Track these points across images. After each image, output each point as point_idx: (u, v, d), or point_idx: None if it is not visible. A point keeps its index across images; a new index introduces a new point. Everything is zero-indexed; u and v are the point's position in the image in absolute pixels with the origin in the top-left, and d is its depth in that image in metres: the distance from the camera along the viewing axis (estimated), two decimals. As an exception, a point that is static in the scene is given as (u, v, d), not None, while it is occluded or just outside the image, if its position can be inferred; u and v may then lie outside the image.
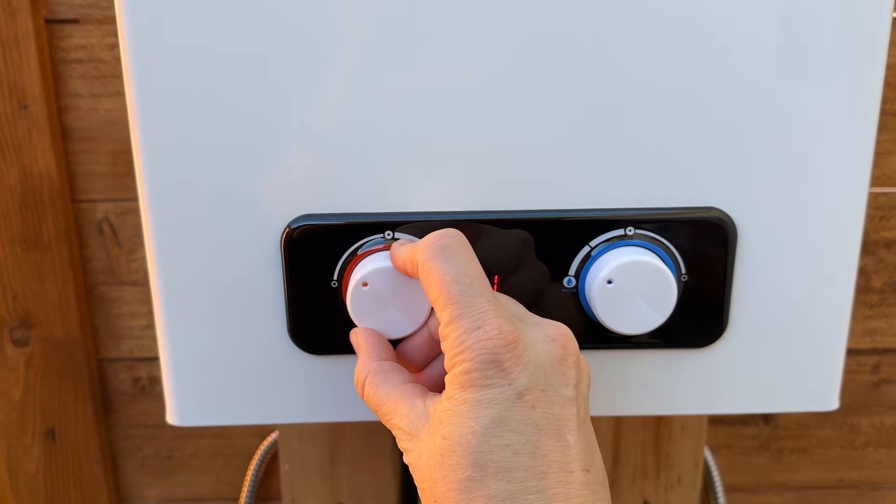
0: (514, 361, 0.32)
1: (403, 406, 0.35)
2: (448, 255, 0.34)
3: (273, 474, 0.79)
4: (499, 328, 0.32)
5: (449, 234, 0.35)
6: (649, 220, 0.40)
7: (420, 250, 0.35)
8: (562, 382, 0.33)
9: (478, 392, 0.31)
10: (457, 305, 0.33)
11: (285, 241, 0.40)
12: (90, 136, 0.70)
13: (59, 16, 0.67)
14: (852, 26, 0.38)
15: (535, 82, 0.39)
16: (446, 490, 0.31)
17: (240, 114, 0.39)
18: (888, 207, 0.71)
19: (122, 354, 0.76)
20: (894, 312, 0.75)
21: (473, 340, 0.32)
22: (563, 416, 0.32)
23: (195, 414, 0.44)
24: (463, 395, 0.32)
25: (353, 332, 0.40)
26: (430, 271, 0.34)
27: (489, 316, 0.32)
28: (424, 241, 0.35)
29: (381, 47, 0.38)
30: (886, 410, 0.78)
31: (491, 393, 0.31)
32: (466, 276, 0.33)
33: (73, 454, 0.77)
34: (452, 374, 0.32)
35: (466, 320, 0.32)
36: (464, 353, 0.32)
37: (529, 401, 0.31)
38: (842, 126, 0.40)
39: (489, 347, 0.32)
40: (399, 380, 0.36)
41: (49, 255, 0.71)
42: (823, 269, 0.42)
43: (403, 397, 0.35)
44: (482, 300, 0.33)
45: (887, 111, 0.69)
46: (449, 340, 0.33)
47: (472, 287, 0.33)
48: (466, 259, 0.34)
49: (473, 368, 0.32)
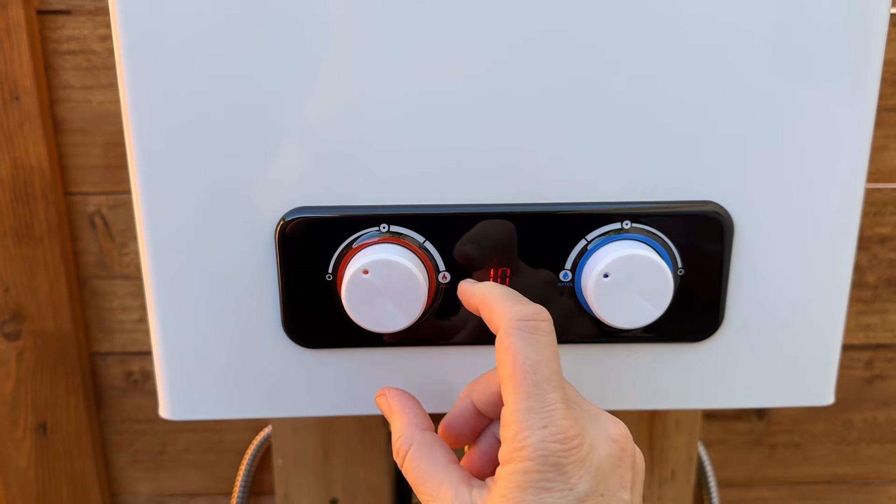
0: (576, 466, 0.31)
1: (447, 492, 0.33)
2: (534, 341, 0.33)
3: (266, 469, 0.79)
4: (564, 431, 0.31)
5: (540, 317, 0.33)
6: (646, 214, 0.40)
7: (505, 318, 0.33)
8: (619, 486, 0.32)
9: (537, 495, 0.31)
10: (528, 396, 0.32)
11: (279, 233, 0.40)
12: (82, 129, 0.69)
13: (50, 7, 0.66)
14: (850, 22, 0.38)
15: (531, 76, 0.38)
16: None
17: (233, 106, 0.38)
18: (882, 203, 0.71)
19: (114, 348, 0.76)
20: (888, 308, 0.75)
21: (537, 440, 0.31)
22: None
23: (188, 408, 0.44)
24: (521, 497, 0.31)
25: (383, 391, 0.39)
26: (510, 348, 0.33)
27: (557, 415, 0.31)
28: (512, 310, 0.33)
29: (377, 39, 0.38)
30: (879, 406, 0.78)
31: (551, 497, 0.31)
32: (547, 368, 0.32)
33: (64, 449, 0.77)
34: (510, 470, 0.31)
35: (533, 416, 0.31)
36: (525, 450, 0.31)
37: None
38: (839, 121, 0.40)
39: (553, 450, 0.31)
40: (444, 459, 0.35)
41: (41, 248, 0.70)
42: (819, 264, 0.42)
43: (448, 481, 0.34)
44: (554, 396, 0.32)
45: (884, 107, 0.69)
46: (510, 430, 0.32)
47: (550, 381, 0.32)
48: (551, 349, 0.33)
49: (534, 469, 0.31)
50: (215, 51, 0.38)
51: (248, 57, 0.38)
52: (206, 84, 0.38)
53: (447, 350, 0.43)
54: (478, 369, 0.43)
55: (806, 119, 0.40)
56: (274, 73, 0.38)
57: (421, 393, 0.44)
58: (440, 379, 0.44)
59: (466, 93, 0.39)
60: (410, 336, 0.42)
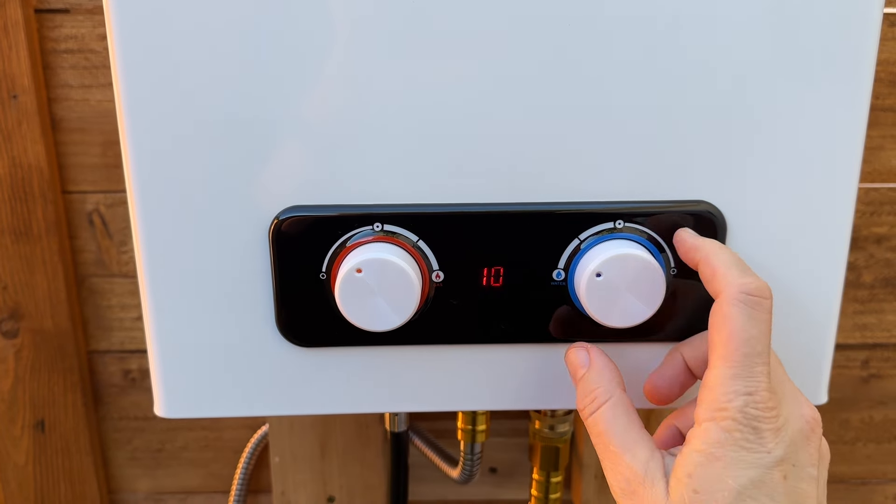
0: (772, 433, 0.33)
1: (642, 450, 0.35)
2: (754, 316, 0.34)
3: (264, 467, 0.79)
4: (767, 402, 0.33)
5: (764, 294, 0.35)
6: (639, 214, 0.40)
7: (731, 288, 0.34)
8: (808, 462, 0.34)
9: (737, 452, 0.33)
10: (736, 366, 0.33)
11: (273, 232, 0.40)
12: (81, 127, 0.69)
13: (49, 5, 0.66)
14: (843, 20, 0.38)
15: (524, 75, 0.38)
16: None
17: (228, 105, 0.38)
18: (879, 203, 0.71)
19: (112, 346, 0.76)
20: (884, 308, 0.75)
21: (741, 403, 0.33)
22: (807, 492, 0.34)
23: (183, 406, 0.44)
24: (721, 451, 0.33)
25: (580, 346, 0.40)
26: (727, 315, 0.34)
27: (762, 387, 0.33)
28: (740, 284, 0.34)
29: (371, 37, 0.38)
30: (876, 405, 0.78)
31: (750, 456, 0.33)
32: (760, 344, 0.34)
33: (62, 446, 0.77)
34: (707, 427, 0.33)
35: (740, 382, 0.33)
36: (727, 410, 0.33)
37: (782, 471, 0.33)
38: (832, 120, 0.40)
39: (754, 415, 0.33)
40: (638, 423, 0.37)
41: (39, 246, 0.71)
42: (812, 263, 0.42)
43: (643, 441, 0.36)
44: (762, 369, 0.34)
45: (880, 107, 0.69)
46: (713, 393, 0.34)
47: (760, 355, 0.34)
48: (766, 328, 0.34)
49: (734, 428, 0.33)
50: (210, 50, 0.38)
51: (243, 56, 0.38)
52: (200, 83, 0.38)
53: (441, 349, 0.43)
54: (472, 368, 0.44)
55: (799, 118, 0.40)
56: (268, 72, 0.38)
57: (415, 391, 0.44)
58: (434, 378, 0.44)
59: (460, 92, 0.39)
60: (405, 335, 0.42)
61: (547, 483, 0.61)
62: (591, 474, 0.70)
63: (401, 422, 0.62)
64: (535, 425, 0.59)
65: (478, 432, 0.61)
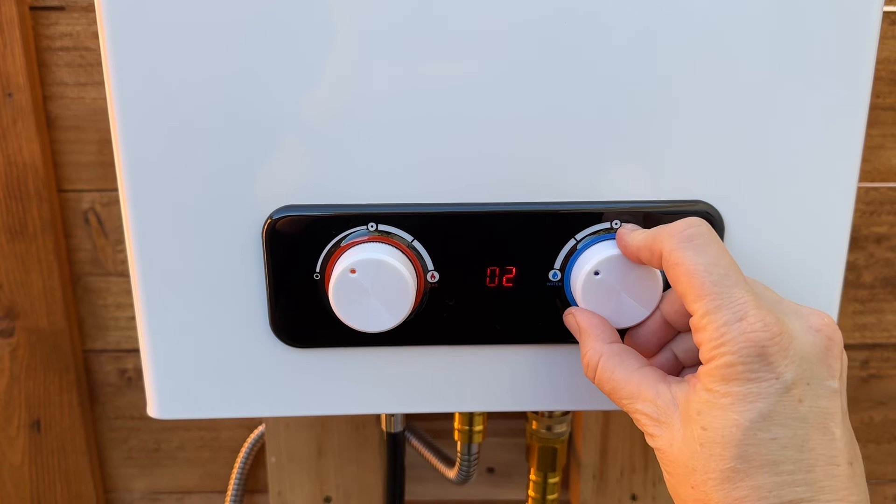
0: (780, 355, 0.31)
1: (647, 391, 0.34)
2: (698, 245, 0.33)
3: (261, 467, 0.79)
4: (762, 319, 0.31)
5: (695, 224, 0.34)
6: (635, 214, 0.40)
7: (665, 239, 0.34)
8: (827, 374, 0.32)
9: (742, 386, 0.31)
10: (713, 297, 0.32)
11: (267, 232, 0.40)
12: (76, 126, 0.69)
13: (44, 3, 0.66)
14: (842, 19, 0.38)
15: (520, 75, 0.38)
16: (706, 478, 0.32)
17: (221, 103, 0.38)
18: (879, 202, 0.71)
19: (108, 346, 0.76)
20: (884, 308, 0.74)
21: (736, 333, 0.31)
22: (830, 408, 0.32)
23: (176, 407, 0.43)
24: (726, 388, 0.31)
25: (570, 311, 0.40)
26: (678, 261, 0.33)
27: (750, 307, 0.31)
28: (668, 230, 0.34)
29: (365, 38, 0.37)
30: (875, 406, 0.78)
31: (757, 387, 0.31)
32: (720, 266, 0.32)
33: (58, 446, 0.77)
34: (712, 367, 0.32)
35: (726, 311, 0.32)
36: (725, 345, 0.31)
37: (796, 395, 0.31)
38: (831, 120, 0.39)
39: (754, 340, 0.31)
40: (636, 364, 0.36)
41: (34, 245, 0.70)
42: (811, 263, 0.42)
43: (645, 382, 0.35)
44: (740, 290, 0.32)
45: (880, 105, 0.68)
46: (707, 332, 0.32)
47: (728, 277, 0.32)
48: (718, 248, 0.33)
49: (738, 362, 0.31)
50: (202, 49, 0.37)
51: (236, 55, 0.37)
52: (193, 82, 0.38)
53: (436, 350, 0.43)
54: (467, 369, 0.43)
55: (798, 117, 0.39)
56: (262, 71, 0.38)
57: (410, 392, 0.44)
58: (430, 379, 0.43)
59: (456, 92, 0.38)
60: (399, 335, 0.42)
61: (544, 484, 0.61)
62: (588, 474, 0.70)
63: (397, 422, 0.62)
64: (532, 426, 0.58)
65: (475, 433, 0.60)
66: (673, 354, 0.39)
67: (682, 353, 0.39)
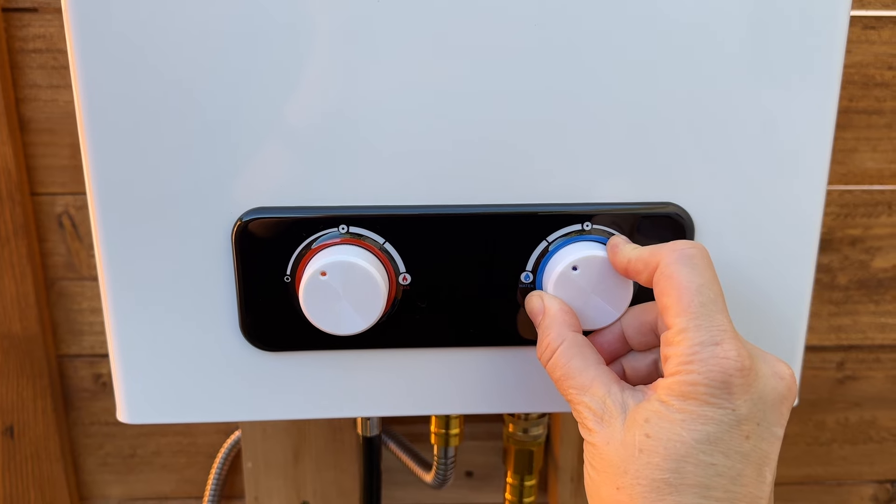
0: (742, 388, 0.32)
1: (600, 388, 0.35)
2: (695, 265, 0.34)
3: (238, 472, 0.78)
4: (737, 350, 0.32)
5: (697, 246, 0.35)
6: (606, 216, 0.40)
7: (666, 253, 0.34)
8: (777, 421, 0.33)
9: (699, 406, 0.32)
10: (695, 316, 0.33)
11: (236, 234, 0.39)
12: (49, 128, 0.68)
13: (16, 4, 0.65)
14: (810, 23, 0.38)
15: (493, 77, 0.38)
16: (635, 483, 0.32)
17: (190, 104, 0.38)
18: (853, 205, 0.71)
19: (82, 351, 0.75)
20: (859, 310, 0.75)
21: (708, 355, 0.32)
22: (769, 453, 0.33)
23: (146, 412, 0.43)
24: (682, 404, 0.32)
25: (536, 293, 0.39)
26: (672, 274, 0.34)
27: (728, 336, 0.32)
28: (671, 246, 0.35)
29: (339, 39, 0.37)
30: (851, 407, 0.79)
31: (712, 411, 0.32)
32: (711, 290, 0.33)
33: (32, 452, 0.76)
34: (674, 381, 0.32)
35: (704, 332, 0.32)
36: (694, 363, 0.32)
37: (745, 430, 0.32)
38: (800, 121, 0.40)
39: (724, 367, 0.32)
40: (594, 359, 0.36)
41: (7, 249, 0.70)
42: (781, 264, 0.42)
43: (600, 378, 0.35)
44: (723, 318, 0.33)
45: (854, 109, 0.69)
46: (679, 347, 0.33)
47: (715, 303, 0.33)
48: (711, 275, 0.34)
49: (701, 382, 0.32)
50: (170, 50, 0.37)
51: (204, 56, 0.37)
52: (160, 83, 0.37)
53: (410, 352, 0.43)
54: (441, 372, 0.43)
55: (767, 119, 0.39)
56: (231, 73, 0.37)
57: (383, 395, 0.43)
58: (403, 381, 0.43)
59: (426, 94, 0.38)
60: (372, 338, 0.42)
61: (521, 487, 0.60)
62: (566, 477, 0.70)
63: (373, 426, 0.61)
64: (508, 429, 0.58)
65: (451, 436, 0.60)
66: (622, 368, 0.40)
67: (630, 370, 0.39)
